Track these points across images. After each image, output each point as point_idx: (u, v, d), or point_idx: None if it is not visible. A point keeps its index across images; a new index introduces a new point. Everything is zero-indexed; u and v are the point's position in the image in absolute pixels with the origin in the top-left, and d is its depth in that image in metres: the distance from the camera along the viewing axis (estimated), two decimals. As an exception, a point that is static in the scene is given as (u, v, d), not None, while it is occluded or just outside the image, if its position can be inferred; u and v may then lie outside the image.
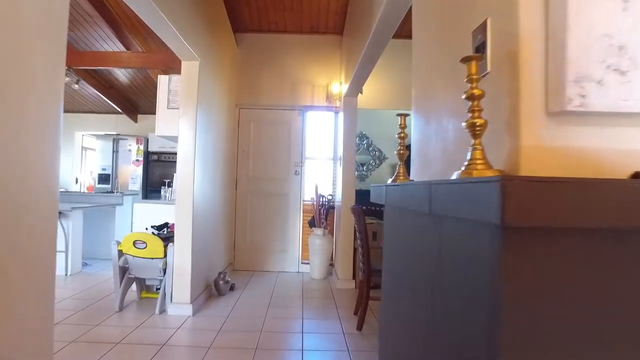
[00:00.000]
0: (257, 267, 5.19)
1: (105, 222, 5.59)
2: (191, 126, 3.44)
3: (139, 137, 7.32)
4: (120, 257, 3.46)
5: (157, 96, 4.13)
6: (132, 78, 6.71)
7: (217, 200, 4.31)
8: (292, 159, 5.21)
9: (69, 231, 4.69)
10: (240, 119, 5.25)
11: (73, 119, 8.32)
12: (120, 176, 7.22)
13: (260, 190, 5.21)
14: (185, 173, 3.41)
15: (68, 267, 4.70)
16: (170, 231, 3.68)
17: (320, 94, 5.19)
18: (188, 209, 3.40)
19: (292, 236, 5.19)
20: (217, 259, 4.39)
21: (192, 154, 3.42)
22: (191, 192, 3.39)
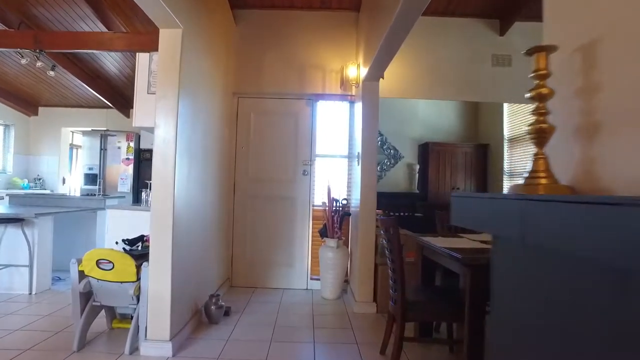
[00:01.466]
0: (258, 283, 4.42)
1: (87, 229, 4.86)
2: (171, 113, 2.68)
3: (129, 133, 6.59)
4: (82, 279, 2.70)
5: (135, 79, 3.39)
6: (120, 67, 5.98)
7: (209, 206, 3.55)
8: (299, 157, 4.44)
9: (34, 241, 3.95)
10: (239, 110, 4.49)
11: (59, 113, 7.63)
12: (108, 176, 6.49)
13: (262, 193, 4.44)
14: (162, 173, 2.65)
15: (33, 284, 3.96)
16: (147, 246, 2.92)
17: (333, 80, 4.41)
18: (166, 218, 2.63)
19: (299, 248, 4.41)
20: (209, 277, 3.62)
21: (173, 148, 2.66)
22: (171, 196, 2.63)
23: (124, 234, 3.14)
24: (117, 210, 3.41)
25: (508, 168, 6.27)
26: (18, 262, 3.97)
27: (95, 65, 5.93)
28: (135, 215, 3.38)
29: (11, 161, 7.44)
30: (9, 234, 4.00)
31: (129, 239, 2.87)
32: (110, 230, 3.37)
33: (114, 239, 3.08)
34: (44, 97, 7.34)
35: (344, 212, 4.13)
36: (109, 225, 3.40)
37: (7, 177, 7.32)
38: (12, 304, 3.66)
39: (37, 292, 4.00)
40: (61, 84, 6.65)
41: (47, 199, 4.96)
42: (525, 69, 4.81)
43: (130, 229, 3.25)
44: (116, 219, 3.39)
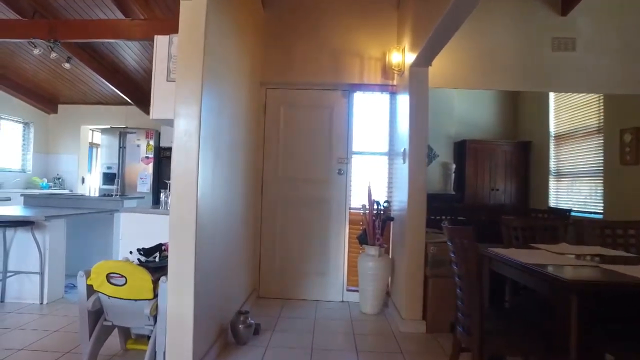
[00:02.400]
0: (288, 294, 3.98)
1: (104, 232, 4.51)
2: (193, 99, 2.26)
3: (148, 131, 6.26)
4: (90, 295, 2.31)
5: (153, 65, 2.99)
6: (139, 59, 5.64)
7: (235, 209, 3.13)
8: (334, 154, 3.99)
9: (45, 246, 3.60)
10: (267, 102, 4.06)
11: (78, 111, 7.38)
12: (128, 176, 6.17)
13: (293, 194, 4.01)
14: (183, 171, 2.23)
15: (44, 293, 3.62)
16: (165, 256, 2.51)
17: (372, 68, 3.94)
18: (188, 223, 2.22)
19: (334, 255, 3.96)
20: (235, 290, 3.21)
21: (195, 141, 2.24)
22: (193, 198, 2.21)
23: (140, 241, 2.74)
24: (132, 214, 3.01)
25: (555, 168, 5.69)
26: (28, 269, 3.63)
27: (114, 59, 5.61)
28: (152, 219, 2.98)
29: (30, 160, 7.22)
30: (19, 238, 3.67)
31: (144, 248, 2.47)
32: (124, 236, 2.98)
33: (128, 247, 2.68)
34: (63, 94, 7.10)
35: (385, 216, 3.65)
36: (122, 231, 3.00)
37: (26, 176, 7.10)
38: (21, 316, 3.32)
39: (49, 301, 3.66)
40: (80, 80, 6.37)
41: (62, 199, 4.64)
42: (593, 53, 4.25)
43: (147, 235, 2.85)
44: (131, 224, 3.00)
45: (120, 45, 5.22)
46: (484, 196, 6.45)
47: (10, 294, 3.68)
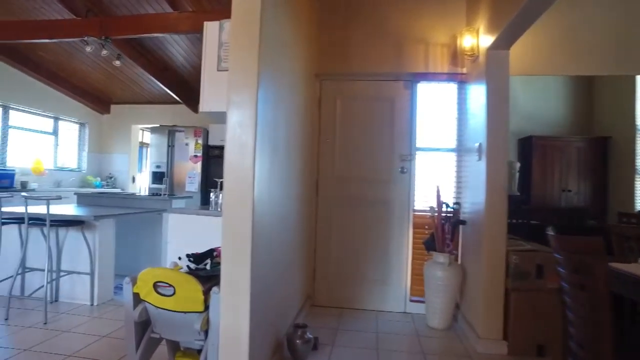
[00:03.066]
0: (345, 302, 3.67)
1: (152, 232, 4.40)
2: (249, 87, 1.99)
3: (197, 129, 6.15)
4: (137, 304, 2.10)
5: (203, 53, 2.78)
6: (187, 55, 5.53)
7: (292, 210, 2.85)
8: (396, 151, 3.63)
9: (95, 246, 3.50)
10: (322, 95, 3.77)
11: (129, 110, 7.44)
12: (176, 175, 6.10)
13: (350, 195, 3.69)
14: (238, 168, 1.96)
15: (94, 294, 3.52)
16: (217, 262, 2.26)
17: (438, 55, 3.55)
18: (243, 227, 1.95)
19: (396, 261, 3.60)
20: (291, 298, 2.94)
21: (252, 134, 1.96)
22: (249, 198, 1.94)
23: (189, 244, 2.52)
24: (180, 215, 2.80)
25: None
26: (79, 269, 3.55)
27: (162, 55, 5.53)
28: (201, 221, 2.76)
29: (85, 159, 7.36)
30: (71, 237, 3.59)
31: (194, 254, 2.23)
32: (172, 239, 2.77)
33: (176, 251, 2.47)
34: (115, 94, 7.17)
35: (456, 220, 3.25)
36: (170, 233, 2.80)
37: (81, 175, 7.24)
38: (73, 317, 3.23)
39: (99, 302, 3.55)
40: (130, 79, 6.38)
41: (112, 198, 4.58)
42: None
43: (196, 238, 2.63)
44: (179, 226, 2.79)
45: (169, 41, 5.12)
46: (554, 198, 5.84)
47: (63, 293, 3.62)
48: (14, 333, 2.91)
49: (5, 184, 5.40)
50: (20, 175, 5.85)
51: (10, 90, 5.89)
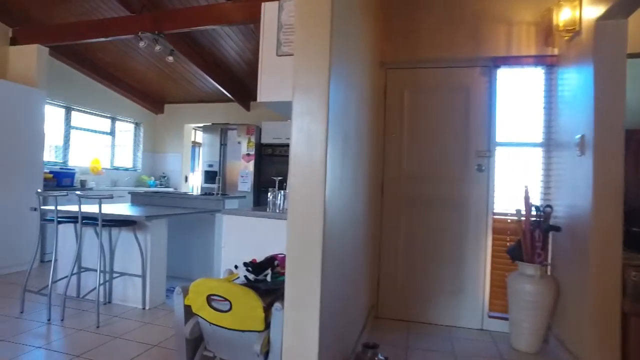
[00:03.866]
0: (412, 315, 3.29)
1: (205, 233, 4.24)
2: (319, 74, 1.68)
3: (249, 127, 5.98)
4: (189, 319, 1.85)
5: (260, 37, 2.52)
6: (240, 50, 5.36)
7: (359, 213, 2.52)
8: (471, 146, 3.21)
9: (147, 248, 3.34)
10: (387, 85, 3.42)
11: (182, 110, 7.44)
12: (228, 174, 5.96)
13: (419, 195, 3.31)
14: (306, 164, 1.66)
15: (146, 298, 3.36)
16: (279, 273, 1.97)
17: (523, 35, 3.09)
18: (313, 233, 1.64)
19: (471, 271, 3.18)
20: (356, 310, 2.60)
21: (323, 127, 1.65)
22: (320, 200, 1.63)
23: (245, 250, 2.27)
24: (235, 217, 2.54)
25: None
26: (131, 271, 3.41)
27: (215, 52, 5.39)
28: (259, 223, 2.49)
29: (140, 159, 7.43)
30: (123, 237, 3.47)
31: (253, 262, 1.95)
32: (227, 243, 2.52)
33: (232, 257, 2.22)
34: (169, 93, 7.18)
35: (548, 225, 2.78)
36: (225, 237, 2.55)
37: (136, 174, 7.31)
38: (125, 322, 3.08)
39: (151, 306, 3.40)
40: (183, 77, 6.33)
41: (165, 197, 4.46)
42: None
43: (252, 243, 2.37)
44: (234, 229, 2.53)
45: (222, 36, 4.96)
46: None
47: (116, 295, 3.51)
48: (67, 336, 2.81)
49: (67, 183, 5.47)
50: (80, 175, 5.94)
51: (72, 91, 6.00)
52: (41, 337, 2.77)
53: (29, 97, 4.59)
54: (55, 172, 5.36)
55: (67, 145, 6.04)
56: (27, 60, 4.98)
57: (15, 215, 4.39)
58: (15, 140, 4.43)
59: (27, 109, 4.56)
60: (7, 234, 4.34)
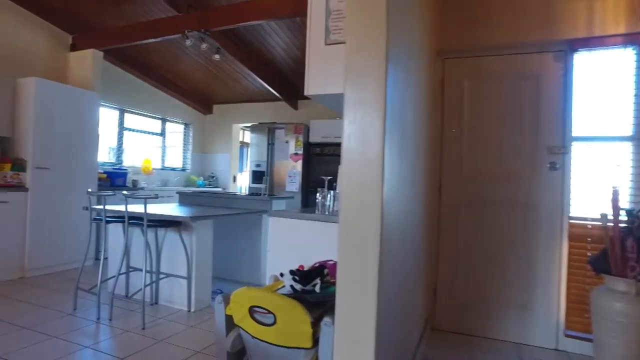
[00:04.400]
0: (474, 329, 2.98)
1: (251, 234, 4.13)
2: (376, 57, 1.45)
3: (297, 126, 5.84)
4: (230, 330, 1.69)
5: (308, 25, 2.33)
6: (287, 47, 5.22)
7: (416, 215, 2.27)
8: (542, 142, 2.85)
9: (192, 249, 3.26)
10: (445, 77, 3.13)
11: (230, 110, 7.45)
12: (276, 174, 5.85)
13: (481, 197, 2.99)
14: (363, 159, 1.44)
15: (191, 300, 3.28)
16: (328, 283, 1.77)
17: (610, 11, 2.69)
18: (368, 240, 1.42)
19: (543, 282, 2.82)
20: (412, 322, 2.35)
21: (379, 122, 1.43)
22: (377, 203, 1.41)
23: (292, 255, 2.08)
24: (282, 219, 2.37)
25: None
26: (177, 272, 3.35)
27: (262, 49, 5.29)
28: (306, 227, 2.29)
29: (189, 159, 7.53)
30: (169, 238, 3.41)
31: (300, 270, 1.76)
32: (273, 247, 2.35)
33: (277, 262, 2.05)
34: (217, 93, 7.22)
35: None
36: (271, 240, 2.38)
37: (185, 174, 7.41)
38: (170, 325, 3.01)
39: (196, 309, 3.32)
40: (230, 77, 6.30)
41: (212, 197, 4.40)
42: None
43: (299, 247, 2.19)
44: (281, 232, 2.36)
45: (268, 32, 4.85)
46: None
47: (162, 296, 3.46)
48: (114, 336, 2.78)
49: (119, 183, 5.59)
50: (132, 175, 6.07)
51: (125, 94, 6.15)
52: (90, 336, 2.76)
53: (85, 99, 4.70)
54: (109, 172, 5.49)
55: (120, 146, 6.20)
56: (84, 64, 5.13)
57: (73, 214, 4.51)
58: (73, 142, 4.55)
59: (83, 111, 4.68)
60: (66, 232, 4.46)
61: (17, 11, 4.64)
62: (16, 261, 4.08)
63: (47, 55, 4.98)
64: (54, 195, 4.35)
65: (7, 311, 3.16)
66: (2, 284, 3.87)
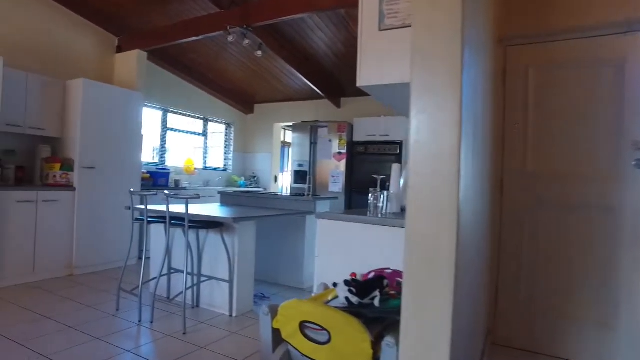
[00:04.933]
0: (542, 346, 2.67)
1: (294, 235, 3.98)
2: (451, 36, 1.23)
3: (340, 124, 5.64)
4: (277, 345, 1.51)
5: (360, 10, 2.13)
6: (330, 42, 5.04)
7: (482, 219, 2.01)
8: (626, 136, 2.50)
9: (235, 252, 3.13)
10: (507, 66, 2.83)
11: (271, 109, 7.37)
12: (319, 174, 5.68)
13: (550, 198, 2.67)
14: (434, 156, 1.22)
15: (233, 304, 3.16)
16: (388, 295, 1.55)
17: None
18: (444, 245, 1.20)
19: (628, 296, 2.47)
20: (475, 338, 2.09)
21: (456, 115, 1.20)
22: (452, 206, 1.18)
23: (342, 262, 1.88)
24: (331, 222, 2.17)
25: None
26: (219, 275, 3.24)
27: (304, 44, 5.14)
28: (359, 230, 2.08)
29: (231, 159, 7.51)
30: (211, 240, 3.31)
31: (355, 280, 1.56)
32: (322, 253, 2.16)
33: (326, 270, 1.86)
34: (258, 93, 7.16)
35: None
36: (318, 244, 2.19)
37: (227, 174, 7.39)
38: (211, 330, 2.90)
39: (238, 314, 3.20)
40: (272, 75, 6.20)
41: (253, 198, 4.29)
42: None
43: (350, 254, 1.98)
44: (329, 235, 2.16)
45: (310, 27, 4.69)
46: None
47: (204, 299, 3.37)
48: (155, 341, 2.70)
49: (162, 183, 5.62)
50: (175, 175, 6.09)
51: (168, 94, 6.19)
52: (131, 339, 2.70)
53: (129, 99, 4.73)
54: (152, 172, 5.51)
55: (163, 146, 6.25)
56: (128, 65, 5.18)
57: (117, 213, 4.54)
58: (118, 142, 4.58)
59: (128, 111, 4.71)
60: (111, 231, 4.50)
61: (68, 15, 4.74)
62: (65, 259, 4.14)
63: (95, 57, 5.06)
64: (99, 195, 4.38)
65: (56, 309, 3.17)
66: (53, 281, 3.93)
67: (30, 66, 4.33)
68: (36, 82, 4.13)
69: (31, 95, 4.08)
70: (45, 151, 4.28)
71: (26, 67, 4.25)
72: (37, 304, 3.27)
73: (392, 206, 2.25)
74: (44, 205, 3.92)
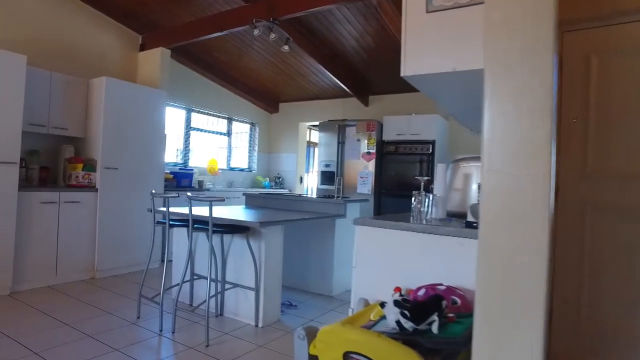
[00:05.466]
0: (603, 369, 2.36)
1: (322, 238, 3.76)
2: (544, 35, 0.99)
3: (369, 122, 5.39)
4: (317, 377, 1.29)
5: (406, -12, 1.88)
6: (359, 36, 4.80)
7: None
8: None
9: (261, 258, 2.93)
10: (564, 54, 2.53)
11: (297, 108, 7.18)
12: (346, 175, 5.44)
13: (614, 202, 2.36)
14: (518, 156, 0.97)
15: (259, 314, 2.96)
16: (447, 319, 1.30)
17: None
18: (533, 262, 0.95)
19: None
20: None
21: (548, 91, 0.95)
22: (544, 209, 0.93)
23: (386, 275, 1.64)
24: (372, 229, 1.93)
25: None
26: (244, 282, 3.05)
27: (332, 39, 4.92)
28: (404, 239, 1.83)
29: (256, 159, 7.36)
30: (235, 244, 3.12)
31: (407, 301, 1.31)
32: (359, 262, 1.92)
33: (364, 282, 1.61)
34: (283, 92, 6.98)
35: None
36: (356, 254, 1.95)
37: (251, 175, 7.24)
38: (236, 342, 2.71)
39: (264, 324, 2.99)
40: (298, 72, 6.00)
41: (279, 199, 4.09)
42: None
43: (393, 265, 1.74)
44: (368, 244, 1.91)
45: (339, 20, 4.46)
46: None
47: (228, 307, 3.18)
48: (176, 353, 2.53)
49: (185, 184, 5.49)
50: (198, 175, 5.96)
51: (192, 93, 6.07)
52: (151, 351, 2.54)
53: (152, 97, 4.61)
54: (175, 172, 5.39)
55: (187, 146, 6.13)
56: (152, 63, 5.08)
57: (140, 214, 4.42)
58: (141, 141, 4.46)
59: (151, 109, 4.58)
60: (133, 233, 4.38)
61: (92, 13, 4.66)
62: (88, 262, 4.04)
63: (118, 55, 4.98)
64: (122, 196, 4.27)
65: (76, 315, 3.05)
66: (75, 285, 3.83)
67: (54, 65, 4.25)
68: (60, 81, 4.05)
69: (55, 95, 4.00)
70: (68, 151, 4.20)
71: (50, 65, 4.17)
72: (57, 309, 3.15)
73: (437, 211, 2.00)
74: (66, 207, 3.83)
